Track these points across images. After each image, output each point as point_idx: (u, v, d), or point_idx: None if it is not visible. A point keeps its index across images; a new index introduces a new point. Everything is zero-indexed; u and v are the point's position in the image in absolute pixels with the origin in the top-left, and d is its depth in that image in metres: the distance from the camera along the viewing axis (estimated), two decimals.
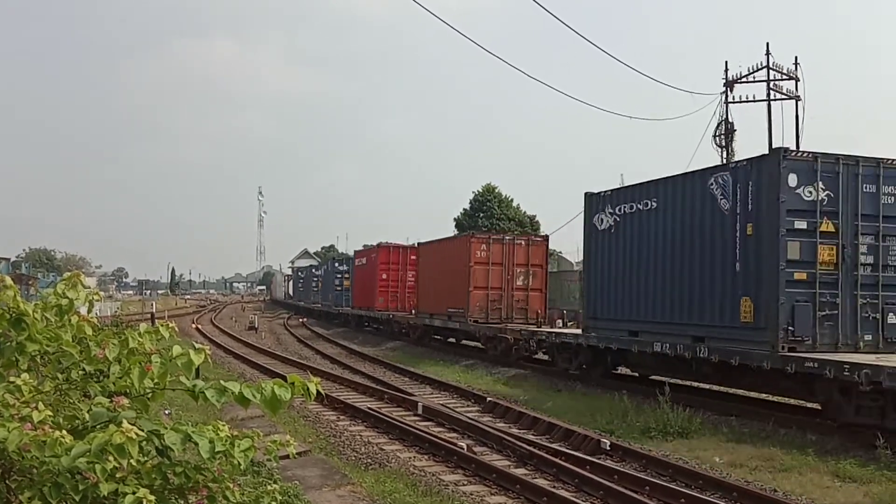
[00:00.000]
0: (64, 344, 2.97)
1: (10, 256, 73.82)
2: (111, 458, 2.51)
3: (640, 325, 16.09)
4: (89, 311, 3.18)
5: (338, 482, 8.65)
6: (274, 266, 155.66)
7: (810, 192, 12.58)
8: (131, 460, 2.55)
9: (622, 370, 18.52)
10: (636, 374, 17.98)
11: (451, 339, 28.57)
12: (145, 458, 2.74)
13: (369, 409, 14.17)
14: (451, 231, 55.99)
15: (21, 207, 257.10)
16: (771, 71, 30.57)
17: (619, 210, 16.83)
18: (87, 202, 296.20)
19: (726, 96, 31.56)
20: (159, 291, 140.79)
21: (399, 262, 33.83)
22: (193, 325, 39.41)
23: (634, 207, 16.30)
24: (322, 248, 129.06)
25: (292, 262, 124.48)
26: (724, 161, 31.25)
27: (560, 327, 23.09)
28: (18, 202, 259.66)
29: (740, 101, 31.48)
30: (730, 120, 31.67)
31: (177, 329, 3.25)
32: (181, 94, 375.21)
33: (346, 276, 42.03)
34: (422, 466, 10.31)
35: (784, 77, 30.77)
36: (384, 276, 33.80)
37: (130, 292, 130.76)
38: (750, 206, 13.15)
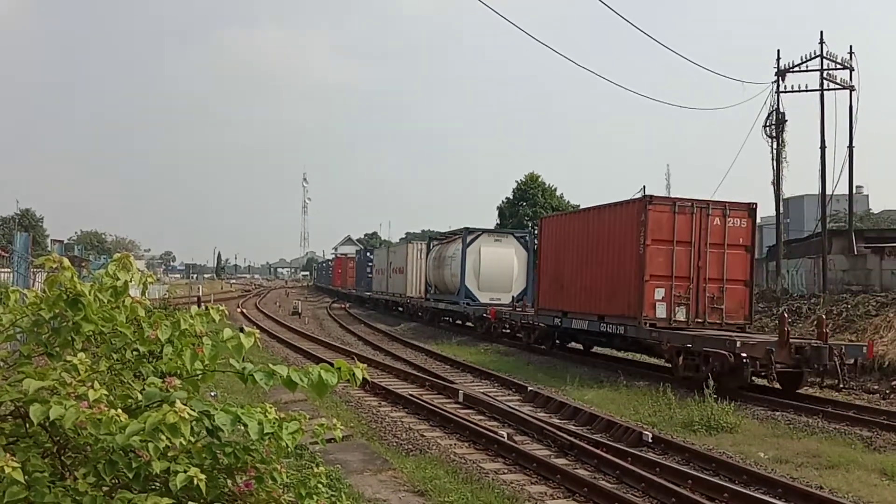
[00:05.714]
0: (118, 325, 3.02)
1: (63, 239, 75.76)
2: (164, 437, 2.56)
3: None
4: (143, 294, 3.24)
5: (379, 467, 8.73)
6: (317, 252, 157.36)
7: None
8: (182, 440, 2.60)
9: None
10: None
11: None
12: (196, 438, 2.79)
13: (410, 395, 14.25)
14: (494, 220, 56.04)
15: (73, 193, 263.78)
16: (825, 60, 29.70)
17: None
18: (136, 187, 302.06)
19: (778, 86, 30.71)
20: (205, 275, 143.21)
21: (346, 265, 68.93)
22: (239, 310, 40.01)
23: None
24: (365, 235, 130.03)
25: (335, 248, 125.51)
26: (774, 152, 30.64)
27: None
28: (71, 188, 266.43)
29: (792, 91, 30.64)
30: (781, 110, 30.84)
31: (227, 312, 3.30)
32: (228, 81, 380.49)
33: (330, 269, 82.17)
34: (462, 454, 10.34)
35: (838, 66, 29.88)
36: (339, 271, 71.77)
37: (177, 276, 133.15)
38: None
